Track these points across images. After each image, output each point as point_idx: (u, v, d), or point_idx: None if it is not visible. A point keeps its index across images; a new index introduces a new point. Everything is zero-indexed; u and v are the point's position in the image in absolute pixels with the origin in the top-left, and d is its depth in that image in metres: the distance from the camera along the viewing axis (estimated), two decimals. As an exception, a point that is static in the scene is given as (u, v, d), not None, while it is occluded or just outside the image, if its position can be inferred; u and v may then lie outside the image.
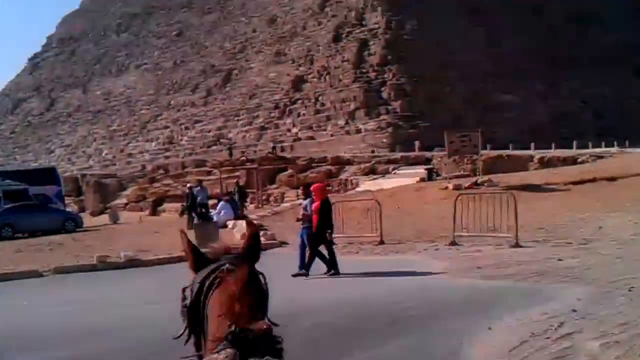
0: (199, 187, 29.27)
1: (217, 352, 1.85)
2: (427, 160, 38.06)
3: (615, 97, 61.58)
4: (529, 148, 42.32)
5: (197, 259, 2.23)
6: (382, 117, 55.47)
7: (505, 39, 61.08)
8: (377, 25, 62.84)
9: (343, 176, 37.97)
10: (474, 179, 26.28)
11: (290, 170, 38.78)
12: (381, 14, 63.08)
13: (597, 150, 38.91)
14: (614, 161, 31.01)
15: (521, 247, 15.27)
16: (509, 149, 41.48)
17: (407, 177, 32.93)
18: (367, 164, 39.08)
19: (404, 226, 19.47)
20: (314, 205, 14.03)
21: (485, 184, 25.03)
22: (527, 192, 22.66)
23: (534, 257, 14.00)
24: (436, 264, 14.45)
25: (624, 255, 13.16)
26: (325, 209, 14.03)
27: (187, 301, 2.14)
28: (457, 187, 24.71)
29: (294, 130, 61.37)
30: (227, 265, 2.12)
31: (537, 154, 36.31)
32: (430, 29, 59.12)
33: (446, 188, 25.35)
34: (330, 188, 36.00)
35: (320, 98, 62.21)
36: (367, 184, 33.11)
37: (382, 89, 57.99)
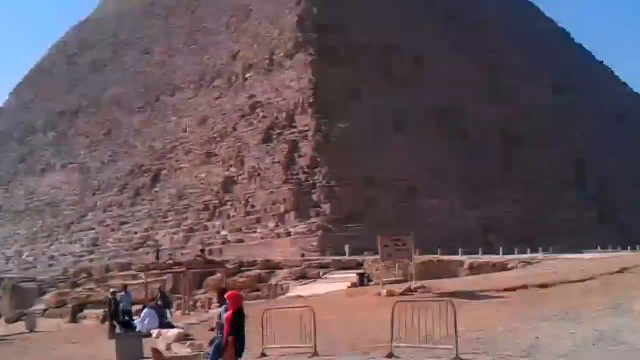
0: (123, 293, 27.88)
1: None
2: (359, 265, 37.61)
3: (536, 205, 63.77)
4: (457, 253, 42.60)
5: None
6: (312, 220, 55.09)
7: (433, 146, 62.68)
8: (307, 128, 63.17)
9: (273, 281, 36.98)
10: (407, 285, 25.83)
11: (219, 275, 37.52)
12: (311, 117, 63.63)
13: (524, 256, 39.45)
14: (542, 267, 31.23)
15: (461, 360, 14.73)
16: (437, 253, 41.56)
17: (338, 282, 32.36)
18: (298, 269, 38.34)
19: (339, 335, 18.66)
20: (226, 315, 13.14)
21: (419, 290, 24.60)
22: (461, 299, 22.26)
23: (475, 372, 13.49)
24: (376, 380, 13.75)
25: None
26: (237, 321, 13.07)
27: None
28: (391, 294, 24.21)
29: (224, 232, 60.23)
30: None
31: (467, 259, 36.38)
32: (360, 133, 59.95)
33: (380, 294, 24.81)
34: (259, 293, 35.05)
35: (250, 200, 61.59)
36: (298, 289, 32.30)
37: (313, 191, 57.82)
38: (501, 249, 45.18)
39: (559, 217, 64.16)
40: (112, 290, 29.56)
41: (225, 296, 13.80)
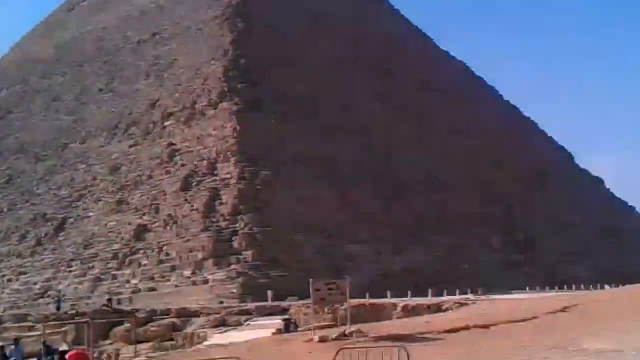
0: (13, 346, 24.22)
1: None
2: (284, 311, 34.87)
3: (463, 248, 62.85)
4: (385, 297, 40.56)
5: None
6: (232, 267, 52.00)
7: (357, 192, 61.17)
8: (229, 176, 60.47)
9: (189, 329, 33.73)
10: (341, 330, 23.18)
11: (127, 325, 33.91)
12: (234, 164, 61.01)
13: (458, 297, 37.81)
14: (478, 308, 29.25)
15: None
16: (365, 298, 39.28)
17: (262, 329, 29.45)
18: (217, 316, 35.19)
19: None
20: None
21: (355, 335, 22.01)
22: (399, 342, 19.79)
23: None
24: None
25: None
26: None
27: None
28: (324, 339, 21.54)
29: (134, 281, 56.21)
30: None
31: (401, 302, 34.16)
32: (285, 181, 58.02)
33: (311, 340, 22.02)
34: (174, 343, 31.75)
35: (165, 248, 57.96)
36: (217, 338, 29.10)
37: (234, 238, 54.71)
38: (430, 291, 43.48)
39: (485, 259, 63.39)
40: (1, 344, 25.74)
41: (67, 356, 12.08)
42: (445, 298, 37.80)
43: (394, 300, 36.67)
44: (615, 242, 79.02)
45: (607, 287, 48.74)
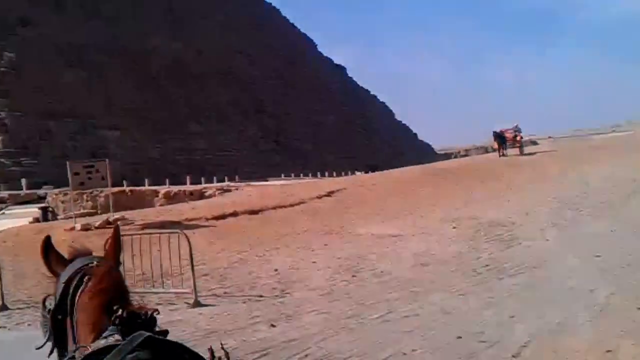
0: None
1: (105, 337, 1.67)
2: (40, 199, 30.15)
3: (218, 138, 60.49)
4: (141, 184, 37.16)
5: (56, 263, 1.96)
6: (-19, 153, 44.59)
7: (113, 80, 55.23)
8: (-31, 55, 51.01)
9: None
10: (104, 217, 19.98)
11: None
12: (-27, 44, 51.45)
13: (219, 184, 35.76)
14: (242, 194, 27.54)
15: (204, 305, 9.91)
16: (122, 185, 35.57)
17: (17, 218, 25.00)
18: (-34, 205, 29.49)
19: (25, 279, 12.45)
20: None
21: (119, 222, 18.99)
22: (169, 229, 17.36)
23: (235, 322, 8.74)
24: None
25: (348, 312, 8.68)
26: None
27: (51, 307, 1.89)
28: (86, 227, 18.34)
29: None
30: (95, 262, 1.91)
31: (162, 188, 31.23)
32: (32, 64, 50.19)
33: (73, 229, 18.61)
34: None
35: None
36: (-30, 227, 24.07)
37: (-20, 124, 46.78)
38: (188, 178, 40.77)
39: (240, 148, 61.94)
40: None
41: None
42: (206, 185, 35.57)
43: (154, 187, 33.59)
44: (361, 130, 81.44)
45: (357, 172, 47.21)
